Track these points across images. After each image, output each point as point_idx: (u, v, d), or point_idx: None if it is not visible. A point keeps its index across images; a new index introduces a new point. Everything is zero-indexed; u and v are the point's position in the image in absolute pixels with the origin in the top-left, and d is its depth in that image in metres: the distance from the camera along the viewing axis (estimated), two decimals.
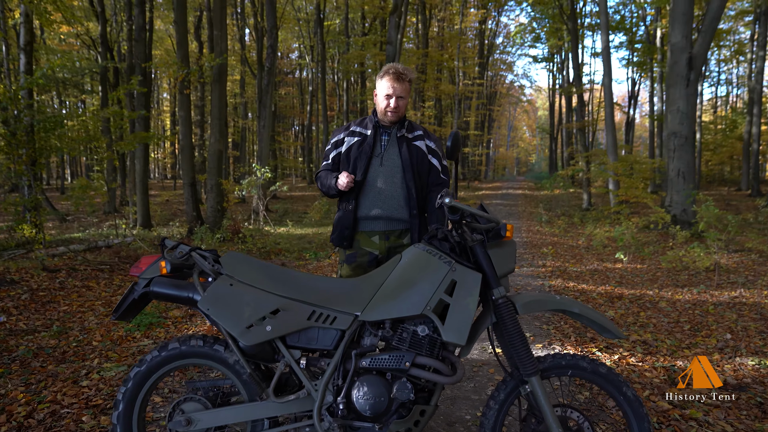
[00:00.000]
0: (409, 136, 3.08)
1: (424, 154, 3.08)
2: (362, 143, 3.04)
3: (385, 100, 2.97)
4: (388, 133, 3.08)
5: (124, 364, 3.99)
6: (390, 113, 2.98)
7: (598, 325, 2.42)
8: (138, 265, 2.37)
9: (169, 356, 2.30)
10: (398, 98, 2.95)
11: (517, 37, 34.16)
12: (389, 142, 3.07)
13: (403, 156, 3.02)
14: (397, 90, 2.94)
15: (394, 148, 3.05)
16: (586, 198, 22.63)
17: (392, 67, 2.95)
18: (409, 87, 3.02)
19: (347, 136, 3.10)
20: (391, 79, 2.93)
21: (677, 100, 13.71)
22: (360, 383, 2.26)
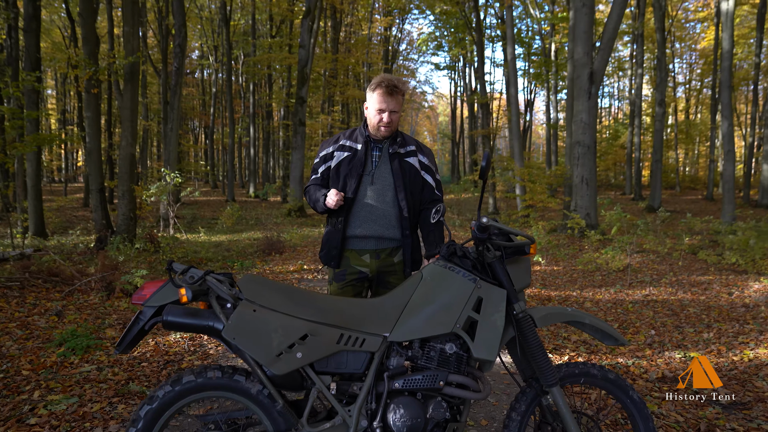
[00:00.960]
0: (402, 151, 2.93)
1: (417, 171, 2.95)
2: (352, 158, 2.88)
3: (377, 115, 2.79)
4: (380, 149, 2.92)
5: (73, 394, 3.59)
6: (383, 128, 2.82)
7: (602, 333, 2.51)
8: (141, 292, 2.13)
9: (184, 390, 2.08)
10: (391, 113, 2.79)
11: (421, 44, 34.99)
12: (381, 158, 2.91)
13: (395, 173, 2.88)
14: (390, 104, 2.76)
15: (385, 165, 2.90)
16: (492, 202, 23.58)
17: (385, 80, 2.77)
18: (402, 100, 2.87)
19: (337, 150, 2.93)
20: (384, 93, 2.75)
21: (581, 112, 14.64)
22: (395, 406, 2.19)
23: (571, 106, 19.78)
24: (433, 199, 2.99)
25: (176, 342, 4.76)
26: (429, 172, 3.00)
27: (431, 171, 3.01)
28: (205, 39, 28.57)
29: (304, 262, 9.43)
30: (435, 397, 2.25)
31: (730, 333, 5.89)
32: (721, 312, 6.77)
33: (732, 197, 17.68)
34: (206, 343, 4.75)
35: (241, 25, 28.32)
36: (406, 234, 2.89)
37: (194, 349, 4.57)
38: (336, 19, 23.73)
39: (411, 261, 2.93)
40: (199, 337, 4.94)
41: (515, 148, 19.64)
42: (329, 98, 23.76)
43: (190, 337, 4.91)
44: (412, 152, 2.96)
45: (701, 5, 33.74)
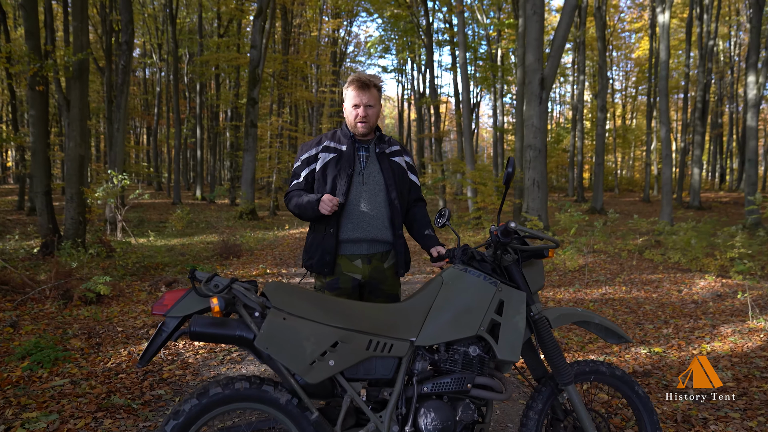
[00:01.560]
0: (388, 151, 2.92)
1: (405, 171, 2.95)
2: (339, 159, 2.82)
3: (353, 111, 2.78)
4: (366, 149, 2.89)
5: (51, 411, 3.39)
6: (360, 124, 2.79)
7: (607, 331, 2.61)
8: (162, 303, 2.04)
9: (211, 403, 2.01)
10: (366, 107, 2.77)
11: (371, 47, 35.08)
12: (368, 158, 2.88)
13: (385, 173, 2.85)
14: (364, 98, 2.75)
15: (374, 165, 2.86)
16: (442, 204, 23.88)
17: (356, 76, 2.79)
18: (378, 95, 2.85)
19: (321, 152, 2.86)
20: (356, 87, 2.76)
21: (532, 117, 15.05)
22: (426, 410, 2.20)
23: (521, 111, 20.32)
24: (417, 198, 3.01)
25: None
26: (414, 172, 3.01)
27: (415, 171, 3.03)
28: (148, 36, 27.63)
29: (266, 266, 9.27)
30: (462, 399, 2.28)
31: (686, 328, 6.19)
32: (675, 308, 7.10)
33: (670, 199, 18.59)
34: (183, 352, 4.59)
35: (186, 23, 27.56)
36: (398, 235, 2.86)
37: (172, 359, 4.41)
38: (286, 20, 23.44)
39: (403, 263, 2.91)
40: (173, 345, 4.77)
41: (467, 151, 19.97)
42: (279, 100, 23.43)
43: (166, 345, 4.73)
44: (397, 152, 2.95)
45: (636, 17, 35.37)
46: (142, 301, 6.56)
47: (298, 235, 14.31)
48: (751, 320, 6.25)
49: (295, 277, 8.31)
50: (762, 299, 7.02)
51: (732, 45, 37.23)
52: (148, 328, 5.26)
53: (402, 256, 2.89)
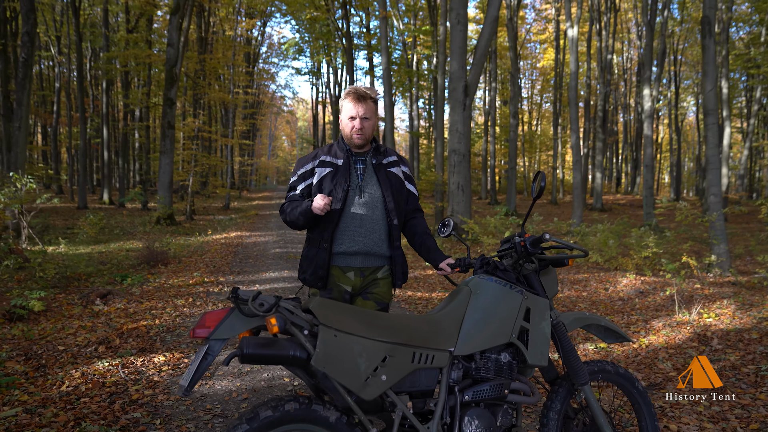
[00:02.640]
0: (385, 162, 2.90)
1: (402, 182, 2.92)
2: (335, 174, 2.78)
3: (349, 123, 2.76)
4: (362, 161, 2.86)
5: None
6: (356, 136, 2.76)
7: (607, 332, 2.77)
8: (204, 325, 1.91)
9: (262, 427, 1.89)
10: (363, 119, 2.74)
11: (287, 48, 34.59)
12: (366, 171, 2.84)
13: (383, 185, 2.82)
14: (360, 110, 2.73)
15: (372, 178, 2.83)
16: None
17: (353, 89, 2.78)
18: (375, 107, 2.83)
19: (318, 166, 2.81)
20: (352, 99, 2.74)
21: (456, 122, 15.46)
22: (470, 418, 2.22)
23: (441, 116, 20.81)
24: (415, 209, 3.00)
25: (108, 371, 4.24)
26: (411, 182, 3.00)
27: (413, 181, 3.02)
28: (45, 27, 25.59)
29: (200, 273, 8.87)
30: (500, 405, 2.32)
31: (622, 324, 6.60)
32: (606, 306, 7.56)
33: (581, 202, 19.77)
34: (145, 370, 4.30)
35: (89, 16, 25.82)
36: (396, 246, 2.85)
37: (135, 378, 4.11)
38: (202, 18, 22.56)
39: (401, 273, 2.89)
40: (131, 362, 4.45)
41: None
42: (195, 101, 22.47)
43: (122, 363, 4.41)
44: (394, 162, 2.93)
45: (541, 29, 37.33)
46: (76, 315, 6.06)
47: (224, 241, 13.83)
48: (678, 314, 6.77)
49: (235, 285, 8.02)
50: (680, 294, 7.61)
51: (624, 59, 40.25)
52: (95, 345, 4.87)
53: (400, 267, 2.88)
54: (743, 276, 9.93)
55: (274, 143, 59.86)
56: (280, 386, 4.03)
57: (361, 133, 2.77)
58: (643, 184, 22.33)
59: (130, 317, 5.99)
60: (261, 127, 46.45)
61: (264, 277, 8.83)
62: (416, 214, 3.00)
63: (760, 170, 39.32)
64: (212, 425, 3.30)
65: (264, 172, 52.48)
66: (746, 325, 6.25)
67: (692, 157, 46.37)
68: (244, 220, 20.45)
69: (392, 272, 2.88)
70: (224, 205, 25.63)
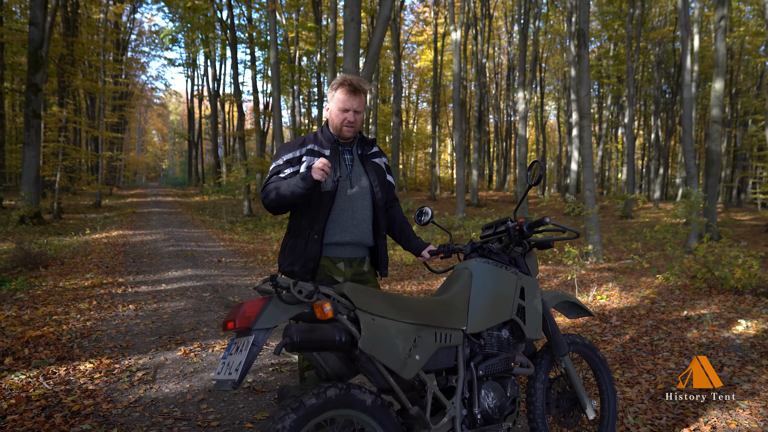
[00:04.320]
0: (369, 152, 2.91)
1: (384, 172, 2.96)
2: None
3: (340, 114, 2.72)
4: (349, 151, 2.85)
5: None
6: (346, 128, 2.74)
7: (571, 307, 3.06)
8: (244, 315, 1.85)
9: (308, 414, 1.86)
10: (355, 112, 2.73)
11: (161, 37, 32.61)
12: (353, 161, 2.85)
13: (370, 176, 2.84)
14: (354, 104, 2.71)
15: (359, 168, 2.84)
16: (247, 205, 23.34)
17: (346, 80, 2.72)
18: (365, 99, 2.83)
19: (306, 155, 2.74)
20: (346, 92, 2.70)
21: None
22: (486, 390, 2.36)
23: None
24: (393, 198, 3.04)
25: (28, 384, 3.81)
26: (390, 173, 3.04)
27: (391, 172, 3.06)
28: None
29: (94, 275, 8.18)
30: (508, 377, 2.49)
31: None
32: None
33: (463, 197, 20.80)
34: (73, 380, 3.92)
35: None
36: (382, 236, 2.88)
37: (66, 388, 3.74)
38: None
39: (385, 264, 2.94)
40: (52, 372, 4.04)
41: None
42: (62, 88, 20.42)
43: (42, 374, 3.98)
44: (377, 153, 2.96)
45: (419, 30, 38.62)
46: None
47: (107, 240, 12.81)
48: (577, 297, 7.44)
49: (140, 285, 7.51)
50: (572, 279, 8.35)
51: (494, 64, 42.84)
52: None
53: (384, 258, 2.93)
54: (614, 263, 11.09)
55: (144, 138, 56.12)
56: None
57: (352, 126, 2.75)
58: (519, 181, 23.99)
59: (27, 324, 5.41)
60: (130, 120, 43.35)
61: (168, 276, 8.35)
62: (394, 203, 3.04)
63: (608, 170, 43.83)
64: (177, 429, 3.12)
65: (133, 168, 49.05)
66: (633, 303, 7.03)
67: (554, 156, 50.49)
68: (122, 218, 19.07)
69: (378, 262, 2.91)
70: (95, 202, 23.69)
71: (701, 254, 7.80)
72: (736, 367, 4.44)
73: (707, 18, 30.42)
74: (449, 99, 41.96)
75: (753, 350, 4.85)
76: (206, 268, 9.35)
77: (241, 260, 10.74)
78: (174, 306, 6.39)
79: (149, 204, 25.34)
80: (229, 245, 13.24)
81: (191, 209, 24.23)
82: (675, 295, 7.22)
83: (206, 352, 4.65)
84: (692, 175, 13.92)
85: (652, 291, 7.54)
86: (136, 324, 5.53)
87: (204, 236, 14.80)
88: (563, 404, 2.86)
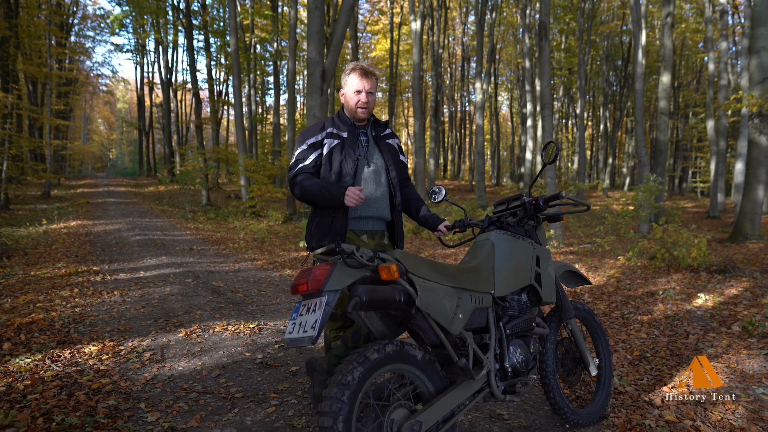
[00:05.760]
0: (383, 134, 3.12)
1: (397, 152, 3.18)
2: (343, 145, 2.95)
3: (355, 96, 2.94)
4: (364, 133, 3.06)
5: None
6: (360, 109, 2.95)
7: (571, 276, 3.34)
8: (315, 278, 2.04)
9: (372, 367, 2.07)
10: (368, 93, 2.95)
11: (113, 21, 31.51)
12: (369, 142, 3.05)
13: (385, 155, 3.05)
14: (366, 85, 2.93)
15: (374, 148, 3.05)
16: (205, 194, 23.00)
17: (358, 65, 2.96)
18: (376, 83, 3.05)
19: (327, 138, 2.95)
20: (359, 75, 2.93)
21: (313, 108, 15.58)
22: (513, 347, 2.62)
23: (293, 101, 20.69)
24: (406, 178, 3.26)
25: (36, 366, 3.83)
26: (402, 153, 3.26)
27: (403, 153, 3.29)
28: None
29: (66, 264, 8.04)
30: (530, 335, 2.76)
31: None
32: None
33: (423, 186, 21.15)
34: (81, 361, 3.95)
35: None
36: (398, 211, 3.10)
37: (77, 369, 3.77)
38: None
39: (401, 237, 3.17)
40: (56, 355, 4.05)
41: (239, 139, 19.64)
42: (6, 72, 19.48)
43: (48, 357, 4.00)
44: (390, 135, 3.18)
45: (375, 19, 38.63)
46: None
47: (67, 231, 12.47)
48: None
49: (118, 273, 7.44)
50: None
51: (449, 55, 43.35)
52: None
53: (400, 232, 3.14)
54: (575, 246, 11.63)
55: (90, 126, 54.00)
56: (247, 360, 4.03)
57: (366, 107, 2.95)
58: (476, 169, 24.52)
59: (11, 312, 5.34)
60: (75, 108, 41.70)
61: (144, 264, 8.28)
62: (407, 183, 3.24)
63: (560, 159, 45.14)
64: (204, 401, 3.24)
65: (79, 157, 47.21)
66: (601, 282, 7.46)
67: (506, 146, 51.61)
68: (77, 208, 18.50)
69: (393, 236, 3.12)
70: (44, 192, 22.83)
71: (658, 236, 8.33)
72: (699, 334, 4.87)
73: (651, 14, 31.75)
74: (404, 89, 42.27)
75: (713, 320, 5.31)
76: (180, 255, 9.31)
77: (213, 248, 10.71)
78: (160, 291, 6.40)
79: (102, 194, 24.61)
80: (196, 234, 13.13)
81: (147, 199, 23.69)
82: (637, 274, 7.71)
83: (207, 333, 4.74)
84: (644, 164, 14.65)
85: (617, 271, 8.02)
86: (127, 309, 5.54)
87: (168, 225, 14.59)
88: (567, 363, 3.15)
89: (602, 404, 3.17)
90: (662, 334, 4.98)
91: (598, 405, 3.15)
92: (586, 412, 3.07)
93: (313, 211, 3.01)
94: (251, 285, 7.07)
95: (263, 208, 19.96)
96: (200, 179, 21.47)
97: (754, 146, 12.04)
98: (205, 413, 3.07)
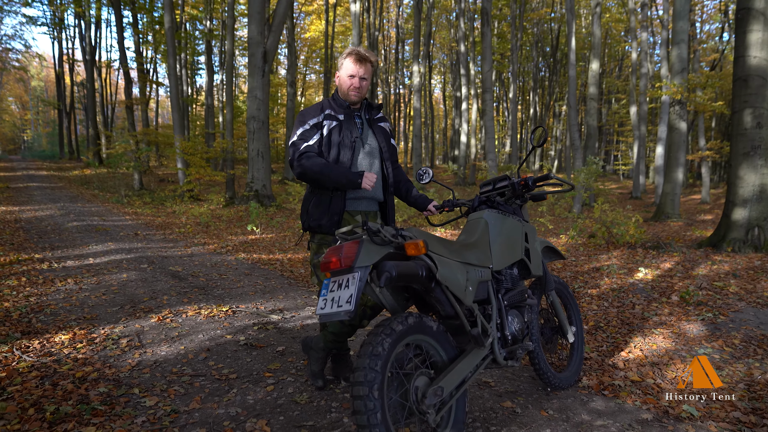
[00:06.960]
0: (376, 117, 3.26)
1: (389, 135, 3.32)
2: (340, 128, 3.06)
3: (348, 80, 3.05)
4: (359, 116, 3.19)
5: None
6: (353, 93, 3.06)
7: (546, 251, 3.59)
8: (346, 256, 2.16)
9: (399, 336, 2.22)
10: (361, 79, 3.06)
11: None
12: (363, 125, 3.18)
13: (378, 137, 3.19)
14: (360, 71, 3.04)
15: (368, 130, 3.18)
16: (138, 178, 22.15)
17: (354, 50, 3.07)
18: (372, 70, 3.16)
19: (325, 119, 3.06)
20: (354, 60, 3.04)
21: (255, 89, 15.38)
22: (511, 316, 2.86)
23: (231, 82, 20.18)
24: (395, 160, 3.40)
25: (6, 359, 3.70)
26: (393, 137, 3.43)
27: (393, 136, 3.46)
28: None
29: (3, 252, 7.62)
30: (523, 306, 2.99)
31: None
32: None
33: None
34: (54, 351, 3.84)
35: None
36: (390, 192, 3.27)
37: (53, 359, 3.67)
38: None
39: (393, 217, 3.32)
40: (25, 346, 3.92)
41: (175, 121, 19.00)
42: None
43: (16, 348, 3.86)
44: (382, 118, 3.33)
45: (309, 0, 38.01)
46: None
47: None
48: None
49: (65, 260, 7.14)
50: None
51: (384, 37, 43.36)
52: None
53: (392, 212, 3.30)
54: None
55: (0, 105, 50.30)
56: (230, 342, 4.05)
57: (358, 92, 3.08)
58: (414, 152, 24.85)
59: None
60: None
61: (91, 251, 7.97)
62: (397, 165, 3.38)
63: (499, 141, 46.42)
64: (199, 384, 3.26)
65: None
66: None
67: (439, 129, 52.43)
68: None
69: (386, 216, 3.26)
70: None
71: (597, 215, 8.87)
72: (644, 305, 5.31)
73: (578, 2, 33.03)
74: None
75: (654, 291, 5.78)
76: (127, 241, 9.02)
77: (158, 233, 10.42)
78: (117, 278, 6.22)
79: (22, 179, 23.15)
80: (137, 219, 12.70)
81: (74, 183, 22.51)
82: (581, 252, 8.20)
83: (180, 317, 4.70)
84: (577, 147, 15.42)
85: (561, 248, 8.48)
86: (87, 297, 5.37)
87: (104, 211, 13.99)
88: (546, 332, 3.40)
89: (577, 368, 3.45)
90: (611, 305, 5.38)
91: (574, 369, 3.43)
92: (564, 375, 3.35)
93: (311, 191, 3.10)
94: (210, 269, 7.00)
95: (201, 192, 19.48)
96: (134, 162, 20.62)
97: (675, 131, 12.94)
98: (203, 395, 3.11)
